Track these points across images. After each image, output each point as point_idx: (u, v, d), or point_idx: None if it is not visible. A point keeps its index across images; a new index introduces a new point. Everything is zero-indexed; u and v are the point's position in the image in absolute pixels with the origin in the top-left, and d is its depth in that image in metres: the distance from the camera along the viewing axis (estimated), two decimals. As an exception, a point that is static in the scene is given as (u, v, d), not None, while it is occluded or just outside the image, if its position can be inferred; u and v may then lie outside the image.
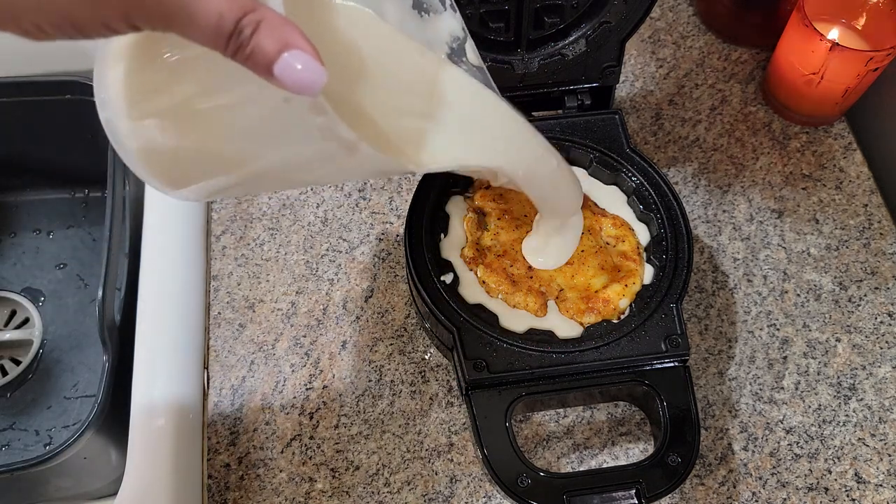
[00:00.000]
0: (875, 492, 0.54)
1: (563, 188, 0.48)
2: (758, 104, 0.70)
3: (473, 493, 0.55)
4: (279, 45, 0.28)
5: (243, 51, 0.28)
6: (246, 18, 0.27)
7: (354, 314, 0.61)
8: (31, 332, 0.75)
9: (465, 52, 0.43)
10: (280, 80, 0.28)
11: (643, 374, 0.51)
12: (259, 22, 0.27)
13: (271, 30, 0.28)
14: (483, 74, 0.43)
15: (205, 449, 0.57)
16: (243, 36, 0.27)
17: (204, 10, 0.27)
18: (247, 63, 0.28)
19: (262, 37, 0.27)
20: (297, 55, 0.28)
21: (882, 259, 0.63)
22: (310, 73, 0.28)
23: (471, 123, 0.43)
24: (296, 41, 0.28)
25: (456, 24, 0.42)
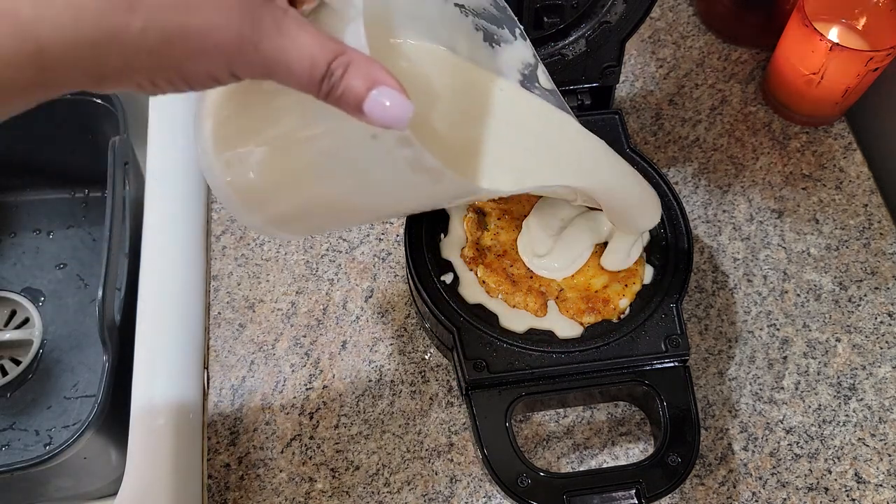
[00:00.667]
0: (875, 492, 0.54)
1: (639, 205, 0.49)
2: (758, 104, 0.70)
3: (473, 493, 0.55)
4: (368, 84, 0.30)
5: (335, 92, 0.30)
6: (336, 61, 0.29)
7: (354, 314, 0.61)
8: (31, 332, 0.75)
9: (537, 77, 0.44)
10: (370, 116, 0.30)
11: (643, 374, 0.51)
12: (348, 64, 0.30)
13: (359, 70, 0.30)
14: (557, 98, 0.45)
15: (205, 449, 0.57)
16: (334, 78, 0.30)
17: (298, 56, 0.29)
18: (339, 103, 0.30)
19: (352, 77, 0.29)
20: (385, 91, 0.30)
21: (882, 259, 0.63)
22: (398, 108, 0.30)
23: (545, 145, 0.45)
24: (383, 79, 0.30)
25: (527, 52, 0.44)
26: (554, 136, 0.45)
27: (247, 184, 0.37)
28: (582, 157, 0.46)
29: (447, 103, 0.43)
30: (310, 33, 0.30)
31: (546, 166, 0.44)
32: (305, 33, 0.30)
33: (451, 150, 0.41)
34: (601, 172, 0.46)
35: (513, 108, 0.44)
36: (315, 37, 0.30)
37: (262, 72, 0.30)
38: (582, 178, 0.45)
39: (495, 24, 0.43)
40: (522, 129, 0.44)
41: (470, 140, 0.42)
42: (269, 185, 0.37)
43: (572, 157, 0.46)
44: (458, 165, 0.41)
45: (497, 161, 0.42)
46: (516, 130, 0.44)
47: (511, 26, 0.43)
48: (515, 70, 0.44)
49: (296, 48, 0.29)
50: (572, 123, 0.45)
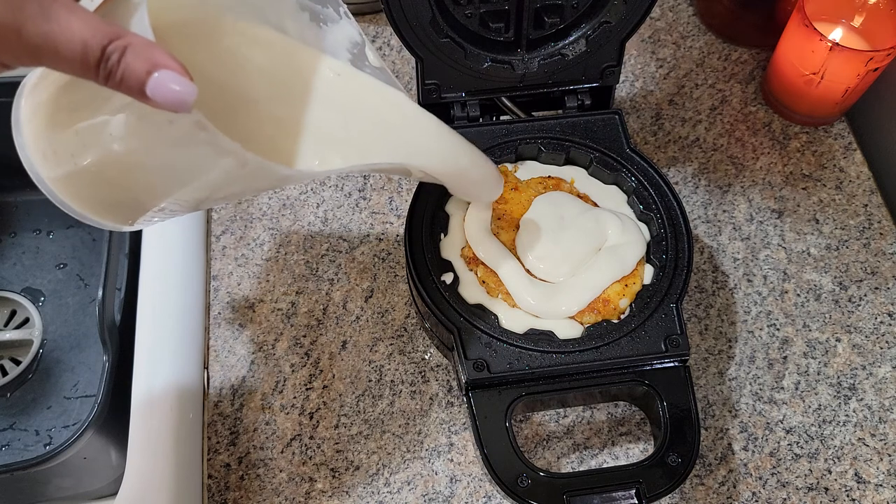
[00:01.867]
0: (875, 492, 0.54)
1: (474, 180, 0.49)
2: (758, 104, 0.70)
3: (473, 493, 0.55)
4: (148, 66, 0.29)
5: (114, 76, 0.29)
6: (112, 45, 0.29)
7: (354, 314, 0.61)
8: (31, 332, 0.75)
9: (366, 56, 0.44)
10: (153, 98, 0.29)
11: (643, 374, 0.51)
12: (125, 47, 0.29)
13: (138, 53, 0.29)
14: (385, 74, 0.45)
15: (205, 449, 0.57)
16: (111, 62, 0.29)
17: (67, 40, 0.29)
18: (120, 87, 0.30)
19: (130, 60, 0.29)
20: (165, 74, 0.29)
21: (882, 259, 0.63)
22: (180, 89, 0.29)
23: (371, 124, 0.45)
24: (163, 61, 0.29)
25: (353, 31, 0.44)
26: (381, 112, 0.45)
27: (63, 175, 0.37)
28: (413, 134, 0.46)
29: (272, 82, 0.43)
30: (82, 18, 0.29)
31: (373, 145, 0.44)
32: (77, 18, 0.29)
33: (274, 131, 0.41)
34: (429, 149, 0.46)
35: (341, 89, 0.44)
36: (88, 21, 0.29)
37: (30, 58, 0.29)
38: (412, 156, 0.45)
39: (319, 4, 0.43)
40: (349, 108, 0.44)
41: (294, 122, 0.42)
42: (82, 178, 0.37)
43: (400, 135, 0.46)
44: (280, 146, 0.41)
45: (321, 140, 0.42)
46: (341, 108, 0.44)
47: (335, 6, 0.43)
48: (345, 49, 0.44)
49: (64, 32, 0.29)
50: (401, 101, 0.45)
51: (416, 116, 0.45)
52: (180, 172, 0.36)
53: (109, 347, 0.60)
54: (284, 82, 0.43)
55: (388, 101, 0.45)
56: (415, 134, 0.46)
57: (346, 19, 0.43)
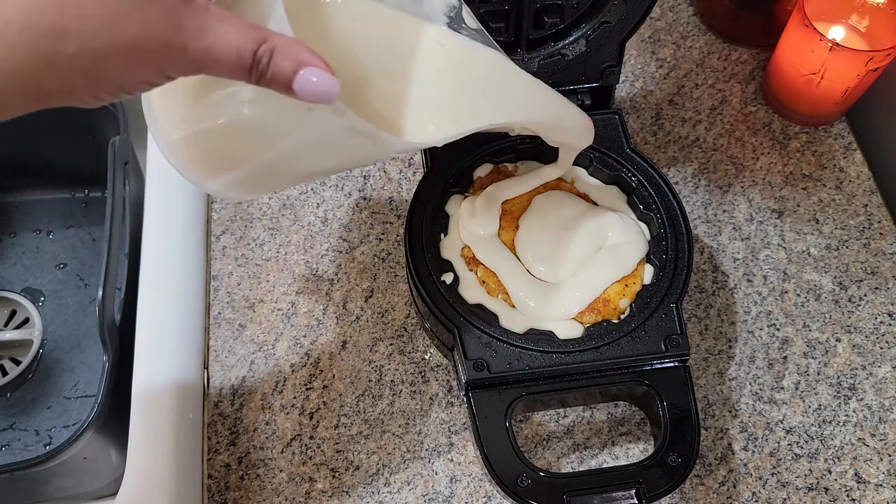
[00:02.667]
0: (875, 492, 0.54)
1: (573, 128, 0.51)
2: (758, 104, 0.70)
3: (473, 493, 0.55)
4: (294, 65, 0.32)
5: (265, 77, 0.32)
6: (261, 49, 0.31)
7: (354, 314, 0.61)
8: (31, 332, 0.75)
9: (463, 19, 0.46)
10: (300, 94, 0.32)
11: (643, 374, 0.51)
12: (273, 49, 0.32)
13: (284, 53, 0.32)
14: (483, 36, 0.46)
15: (205, 449, 0.57)
16: (262, 65, 0.32)
17: (225, 50, 0.31)
18: (270, 86, 0.32)
19: (278, 61, 0.32)
20: (311, 71, 0.32)
21: (882, 259, 0.63)
22: (324, 85, 0.32)
23: (478, 85, 0.47)
24: (308, 59, 0.32)
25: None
26: (485, 74, 0.47)
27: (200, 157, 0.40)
28: (515, 92, 0.47)
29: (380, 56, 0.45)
30: (233, 25, 0.31)
31: (481, 106, 0.46)
32: (229, 26, 0.31)
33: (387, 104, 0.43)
34: (536, 104, 0.48)
35: (444, 57, 0.46)
36: (238, 28, 0.31)
37: (194, 70, 0.32)
38: (517, 113, 0.47)
39: None
40: (454, 72, 0.46)
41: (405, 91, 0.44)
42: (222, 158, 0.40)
43: (506, 94, 0.47)
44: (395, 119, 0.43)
45: (433, 109, 0.44)
46: (448, 74, 0.46)
47: None
48: (442, 14, 0.46)
49: (221, 43, 0.31)
50: (502, 60, 0.47)
51: (517, 75, 0.47)
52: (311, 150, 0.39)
53: (109, 347, 0.60)
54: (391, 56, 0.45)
55: (490, 64, 0.46)
56: (518, 92, 0.47)
57: None
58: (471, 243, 0.54)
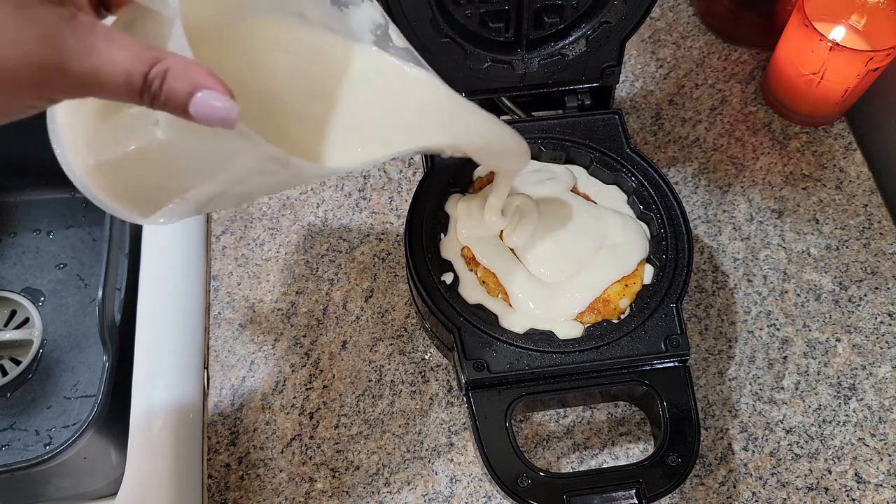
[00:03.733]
0: (875, 492, 0.54)
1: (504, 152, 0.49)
2: (758, 104, 0.70)
3: (473, 493, 0.55)
4: (189, 87, 0.30)
5: (158, 99, 0.30)
6: (152, 71, 0.29)
7: (354, 314, 0.61)
8: (31, 332, 0.75)
9: (390, 37, 0.44)
10: (196, 117, 0.30)
11: (643, 374, 0.51)
12: (166, 70, 0.30)
13: (179, 75, 0.30)
14: (411, 55, 0.45)
15: (205, 449, 0.57)
16: (154, 87, 0.30)
17: (110, 73, 0.29)
18: (165, 108, 0.30)
19: (171, 83, 0.30)
20: (207, 94, 0.30)
21: (882, 259, 0.63)
22: (222, 108, 0.30)
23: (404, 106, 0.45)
24: (204, 81, 0.30)
25: (375, 12, 0.43)
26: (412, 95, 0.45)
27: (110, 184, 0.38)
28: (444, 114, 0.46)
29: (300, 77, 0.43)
30: (121, 46, 0.29)
31: (406, 129, 0.44)
32: (116, 47, 0.29)
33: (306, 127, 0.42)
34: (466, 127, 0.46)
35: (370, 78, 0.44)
36: (127, 48, 0.29)
37: (78, 93, 0.30)
38: (445, 136, 0.45)
39: None
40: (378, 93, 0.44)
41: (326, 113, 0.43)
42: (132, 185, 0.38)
43: (434, 116, 0.45)
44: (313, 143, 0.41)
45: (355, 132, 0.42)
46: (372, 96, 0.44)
47: None
48: (368, 31, 0.44)
49: (107, 65, 0.29)
50: (431, 80, 0.45)
51: (447, 97, 0.45)
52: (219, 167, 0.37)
53: (109, 347, 0.60)
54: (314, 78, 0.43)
55: (418, 84, 0.45)
56: (448, 114, 0.46)
57: (368, 1, 0.43)
58: (470, 243, 0.54)
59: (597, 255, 0.53)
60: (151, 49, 0.30)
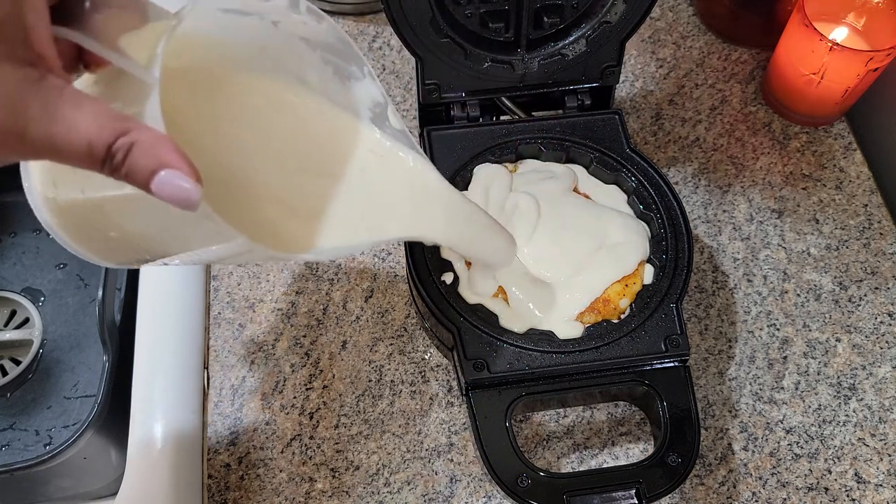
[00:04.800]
0: (875, 492, 0.54)
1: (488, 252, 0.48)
2: (758, 104, 0.70)
3: (473, 493, 0.55)
4: (154, 165, 0.28)
5: (119, 172, 0.29)
6: (117, 143, 0.28)
7: (354, 314, 0.61)
8: (30, 331, 0.75)
9: (387, 117, 0.43)
10: (159, 196, 0.29)
11: (643, 374, 0.51)
12: (131, 145, 0.28)
13: (144, 151, 0.28)
14: (406, 138, 0.43)
15: (205, 449, 0.57)
16: (116, 160, 0.28)
17: (71, 142, 0.28)
18: (126, 181, 0.29)
19: (136, 158, 0.28)
20: (171, 174, 0.28)
21: (882, 259, 0.63)
22: (184, 191, 0.29)
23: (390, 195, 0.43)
24: (170, 160, 0.28)
25: (376, 91, 0.42)
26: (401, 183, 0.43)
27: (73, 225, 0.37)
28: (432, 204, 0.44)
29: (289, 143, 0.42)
30: (88, 113, 0.28)
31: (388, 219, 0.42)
32: (83, 114, 0.28)
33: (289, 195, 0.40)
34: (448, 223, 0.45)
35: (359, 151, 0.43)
36: (94, 116, 0.28)
37: (35, 157, 0.29)
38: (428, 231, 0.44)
39: (343, 60, 0.41)
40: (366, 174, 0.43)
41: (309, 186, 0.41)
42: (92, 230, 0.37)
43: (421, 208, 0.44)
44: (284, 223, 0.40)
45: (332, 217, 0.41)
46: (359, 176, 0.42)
47: (359, 65, 0.41)
48: (366, 108, 0.43)
49: (69, 132, 0.28)
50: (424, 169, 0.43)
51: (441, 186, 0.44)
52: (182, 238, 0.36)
53: (109, 347, 0.60)
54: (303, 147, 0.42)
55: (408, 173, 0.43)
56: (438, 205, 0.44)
57: (370, 79, 0.42)
58: None
59: (597, 255, 0.53)
60: (119, 119, 0.29)
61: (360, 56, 0.41)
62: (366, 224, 0.41)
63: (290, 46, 0.40)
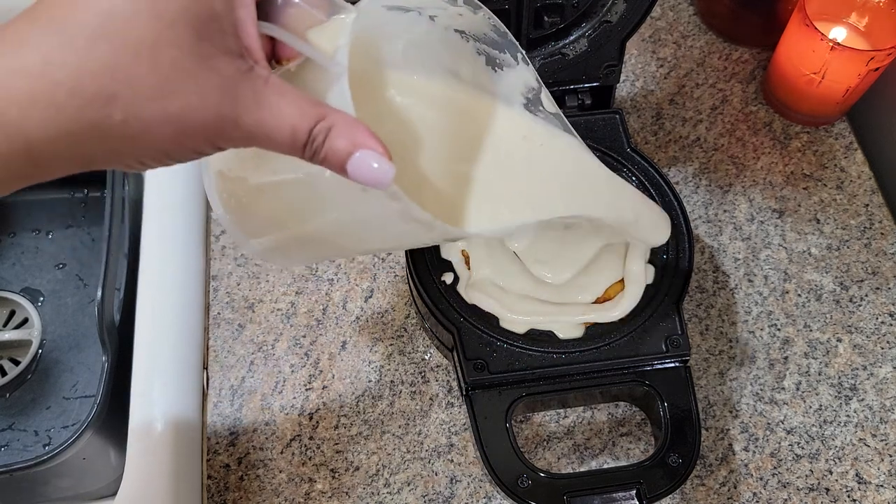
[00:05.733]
0: (876, 492, 0.54)
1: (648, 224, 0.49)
2: (758, 104, 0.70)
3: (473, 494, 0.54)
4: (350, 147, 0.30)
5: (318, 155, 0.31)
6: (317, 127, 0.30)
7: (354, 314, 0.61)
8: (30, 332, 0.74)
9: (541, 101, 0.44)
10: (353, 177, 0.31)
11: (644, 375, 0.51)
12: (330, 128, 0.30)
13: (341, 133, 0.30)
14: (561, 121, 0.44)
15: (204, 449, 0.56)
16: (316, 143, 0.30)
17: (278, 126, 0.30)
18: (324, 164, 0.31)
19: (334, 140, 0.30)
20: (366, 154, 0.30)
21: (883, 259, 0.62)
22: (380, 170, 0.31)
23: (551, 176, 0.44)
24: (365, 140, 0.31)
25: (530, 76, 0.43)
26: (560, 165, 0.45)
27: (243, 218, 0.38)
28: (590, 187, 0.45)
29: (447, 138, 0.43)
30: (290, 100, 0.30)
31: (550, 199, 0.44)
32: (286, 101, 0.30)
33: (447, 186, 0.41)
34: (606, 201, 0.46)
35: (515, 137, 0.44)
36: (296, 103, 0.30)
37: (245, 143, 0.31)
38: (586, 208, 0.45)
39: (497, 49, 0.43)
40: (526, 160, 0.44)
41: (467, 175, 0.42)
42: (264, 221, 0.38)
43: (581, 188, 0.45)
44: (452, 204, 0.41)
45: (497, 197, 0.42)
46: (519, 162, 0.44)
47: (513, 52, 0.43)
48: (519, 94, 0.44)
49: (276, 118, 0.30)
50: (578, 150, 0.45)
51: (593, 168, 0.45)
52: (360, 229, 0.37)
53: (109, 348, 0.60)
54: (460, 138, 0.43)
55: (567, 156, 0.44)
56: (595, 185, 0.45)
57: (523, 65, 0.43)
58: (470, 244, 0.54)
59: (599, 255, 0.53)
60: (318, 105, 0.31)
61: (515, 43, 0.42)
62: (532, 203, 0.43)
63: (446, 40, 0.41)
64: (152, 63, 0.28)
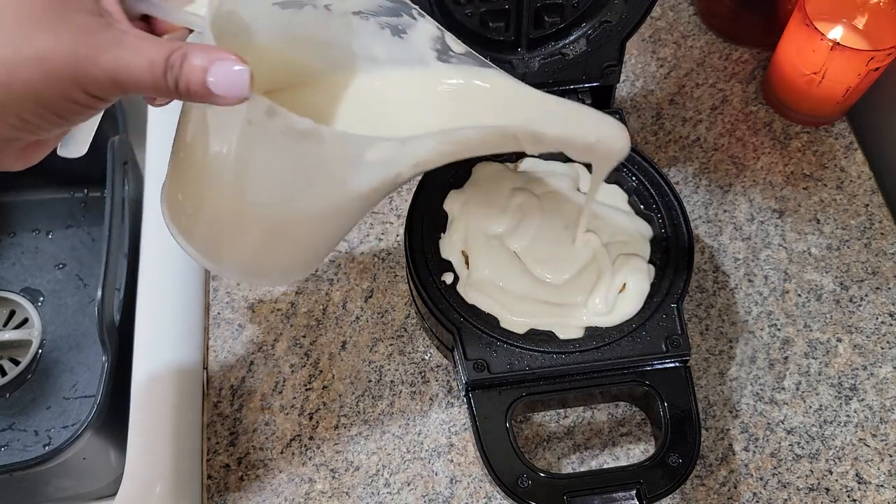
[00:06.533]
0: (876, 492, 0.54)
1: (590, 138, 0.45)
2: (759, 104, 0.70)
3: (473, 494, 0.54)
4: (206, 62, 0.32)
5: (181, 82, 0.32)
6: (174, 55, 0.32)
7: (354, 314, 0.61)
8: (30, 332, 0.74)
9: (449, 47, 0.44)
10: (216, 88, 0.32)
11: (644, 375, 0.51)
12: (185, 53, 0.32)
13: (197, 53, 0.32)
14: (474, 57, 0.45)
15: (204, 449, 0.56)
16: (175, 68, 0.32)
17: (136, 61, 0.32)
18: (188, 91, 0.32)
19: (191, 59, 0.32)
20: (225, 62, 0.32)
21: (883, 259, 0.62)
22: (241, 71, 0.32)
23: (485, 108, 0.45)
24: (220, 54, 0.32)
25: (430, 27, 0.43)
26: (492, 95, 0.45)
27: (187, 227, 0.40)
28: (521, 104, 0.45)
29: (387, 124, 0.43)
30: (150, 42, 0.32)
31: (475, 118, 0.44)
32: (146, 42, 0.32)
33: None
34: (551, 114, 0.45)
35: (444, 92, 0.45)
36: (153, 41, 0.32)
37: (110, 84, 0.32)
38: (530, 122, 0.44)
39: (394, 16, 0.43)
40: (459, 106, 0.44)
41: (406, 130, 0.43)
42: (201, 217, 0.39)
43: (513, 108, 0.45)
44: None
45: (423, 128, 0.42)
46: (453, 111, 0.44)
47: (407, 10, 0.43)
48: (429, 49, 0.44)
49: (134, 54, 0.31)
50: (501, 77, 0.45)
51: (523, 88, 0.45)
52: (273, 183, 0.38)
53: (108, 348, 0.60)
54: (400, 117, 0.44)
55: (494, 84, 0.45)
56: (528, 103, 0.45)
57: (421, 18, 0.43)
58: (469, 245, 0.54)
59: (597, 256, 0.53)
60: (175, 42, 0.32)
61: (407, 2, 0.42)
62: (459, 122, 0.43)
63: (348, 26, 0.42)
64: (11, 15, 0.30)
